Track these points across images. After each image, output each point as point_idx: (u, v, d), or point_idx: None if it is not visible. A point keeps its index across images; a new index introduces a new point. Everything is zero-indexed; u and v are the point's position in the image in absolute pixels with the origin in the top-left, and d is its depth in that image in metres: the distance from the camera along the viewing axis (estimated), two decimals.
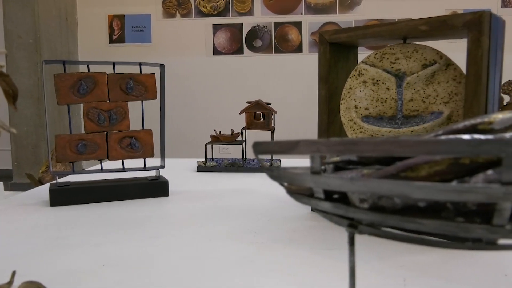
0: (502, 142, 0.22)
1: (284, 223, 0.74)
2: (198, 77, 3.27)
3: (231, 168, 1.26)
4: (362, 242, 0.61)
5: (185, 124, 3.28)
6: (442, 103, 0.67)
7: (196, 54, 3.26)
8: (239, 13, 3.22)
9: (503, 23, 0.66)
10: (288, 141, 0.28)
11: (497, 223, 0.25)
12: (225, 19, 3.24)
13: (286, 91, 3.19)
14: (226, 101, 3.23)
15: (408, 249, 0.60)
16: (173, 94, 3.19)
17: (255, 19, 3.23)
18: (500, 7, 3.21)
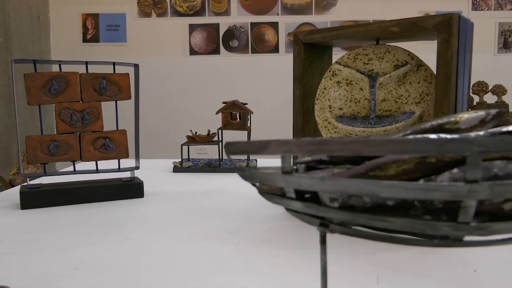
0: (466, 141, 0.23)
1: (260, 223, 0.74)
2: (175, 77, 3.25)
3: (208, 169, 1.26)
4: (337, 240, 0.61)
5: (161, 125, 3.25)
6: (413, 103, 0.68)
7: (172, 54, 3.23)
8: (215, 13, 3.22)
9: (472, 25, 0.68)
10: (259, 141, 0.28)
11: (462, 220, 0.25)
12: (202, 19, 3.22)
13: (263, 91, 3.20)
14: (202, 101, 3.21)
15: (381, 247, 0.61)
16: (149, 94, 3.15)
17: (231, 19, 3.22)
18: (471, 10, 3.29)
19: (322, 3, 3.24)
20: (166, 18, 3.23)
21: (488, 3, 3.30)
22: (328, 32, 0.73)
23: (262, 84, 3.22)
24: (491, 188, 0.23)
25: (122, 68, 0.96)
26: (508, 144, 0.23)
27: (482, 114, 0.30)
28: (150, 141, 3.02)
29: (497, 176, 0.25)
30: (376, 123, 0.71)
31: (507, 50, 3.33)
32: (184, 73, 3.25)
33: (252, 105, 1.73)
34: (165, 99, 3.27)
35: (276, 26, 3.22)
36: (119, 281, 0.51)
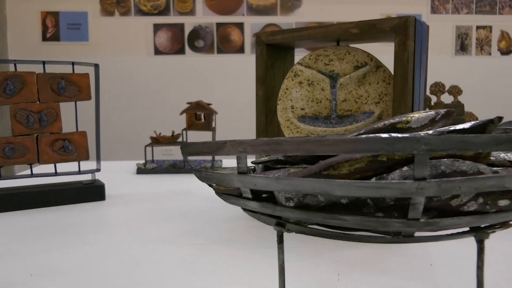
0: (414, 140, 0.23)
1: (223, 223, 0.74)
2: (139, 77, 3.19)
3: (172, 170, 1.24)
4: (300, 239, 0.62)
5: (124, 126, 3.19)
6: (373, 103, 0.70)
7: (136, 53, 3.17)
8: (180, 12, 3.18)
9: (427, 28, 0.70)
10: (215, 141, 0.28)
11: (412, 217, 0.26)
12: (166, 18, 3.18)
13: (228, 91, 3.19)
14: (167, 102, 3.17)
15: (343, 244, 0.62)
16: (112, 95, 3.09)
17: (197, 19, 3.20)
18: (430, 13, 3.40)
19: (287, 4, 3.26)
20: (130, 17, 3.17)
21: (446, 7, 3.42)
22: (290, 33, 0.74)
23: (227, 84, 3.21)
24: (438, 185, 0.24)
25: (83, 68, 0.94)
26: (453, 142, 0.24)
27: (432, 113, 0.31)
28: (113, 143, 2.96)
29: (445, 173, 0.26)
30: (337, 123, 0.72)
31: (464, 52, 3.45)
32: (148, 73, 3.20)
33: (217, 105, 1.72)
34: (128, 99, 3.21)
35: (241, 26, 3.22)
36: (76, 287, 0.50)
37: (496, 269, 0.54)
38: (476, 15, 3.46)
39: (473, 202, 0.27)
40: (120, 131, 3.16)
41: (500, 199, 0.27)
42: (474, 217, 0.27)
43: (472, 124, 0.28)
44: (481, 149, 0.24)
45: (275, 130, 0.80)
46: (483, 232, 0.29)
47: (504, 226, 0.29)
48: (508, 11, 3.49)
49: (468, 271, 0.52)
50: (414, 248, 0.61)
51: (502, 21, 3.51)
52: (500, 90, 3.53)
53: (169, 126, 1.98)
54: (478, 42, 3.49)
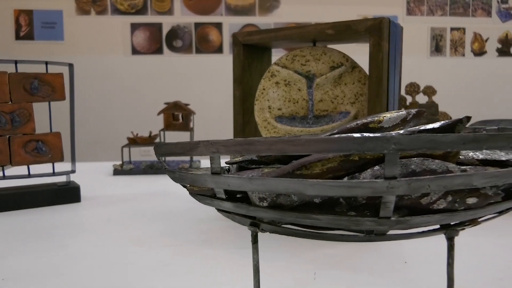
0: (384, 140, 0.24)
1: (200, 224, 0.73)
2: (116, 77, 3.15)
3: (150, 171, 1.23)
4: (276, 239, 0.62)
5: (101, 126, 3.14)
6: (349, 103, 0.71)
7: (113, 53, 3.13)
8: (158, 12, 3.16)
9: (401, 29, 0.71)
10: (188, 142, 0.28)
11: (383, 215, 0.26)
12: (144, 18, 3.15)
13: (207, 91, 3.18)
14: (144, 102, 3.13)
15: (319, 243, 0.62)
16: (88, 95, 3.04)
17: (175, 19, 3.17)
18: (406, 15, 3.46)
19: (265, 4, 3.27)
20: (106, 16, 3.12)
21: (421, 9, 3.49)
22: (267, 34, 0.74)
23: (206, 84, 3.20)
24: (408, 183, 0.25)
25: (57, 68, 0.92)
26: (422, 141, 0.24)
27: (403, 113, 0.31)
28: (88, 144, 2.91)
29: (415, 172, 0.27)
30: (314, 123, 0.72)
31: (439, 53, 3.53)
32: (125, 73, 3.16)
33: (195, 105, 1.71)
34: (105, 99, 3.16)
35: (220, 26, 3.21)
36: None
37: (468, 265, 0.55)
38: (450, 17, 3.54)
39: (442, 200, 0.27)
40: (97, 132, 3.12)
41: (468, 197, 0.28)
42: (443, 215, 0.27)
43: (442, 124, 0.29)
44: (449, 148, 0.24)
45: (252, 131, 0.80)
46: (453, 229, 0.30)
47: (473, 224, 0.30)
48: (481, 13, 3.58)
49: (442, 268, 0.53)
50: (389, 246, 0.61)
51: (475, 23, 3.59)
52: (473, 90, 3.62)
53: (146, 126, 1.96)
54: (452, 44, 3.56)
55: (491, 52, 3.64)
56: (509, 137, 0.25)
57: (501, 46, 3.66)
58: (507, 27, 3.64)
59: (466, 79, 3.60)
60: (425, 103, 1.23)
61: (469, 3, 3.55)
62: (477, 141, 0.25)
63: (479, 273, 0.53)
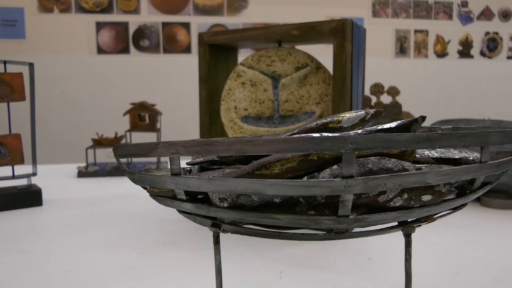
0: (341, 139, 0.24)
1: (166, 226, 0.72)
2: (80, 76, 3.07)
3: (116, 172, 1.21)
4: (241, 239, 0.62)
5: (65, 127, 3.05)
6: (314, 103, 0.71)
7: (77, 52, 3.05)
8: (124, 11, 3.10)
9: (364, 31, 0.72)
10: (148, 143, 0.28)
11: (342, 214, 0.27)
12: (109, 16, 3.08)
13: (175, 92, 3.14)
14: (110, 103, 3.07)
15: (285, 243, 0.63)
16: (51, 95, 2.95)
17: (141, 18, 3.13)
18: (371, 17, 3.53)
19: (233, 4, 3.26)
20: (70, 15, 3.04)
21: (386, 11, 3.57)
22: (232, 34, 0.74)
23: (173, 84, 3.17)
24: (364, 182, 0.25)
25: (17, 67, 0.89)
26: (378, 141, 0.25)
27: (362, 113, 0.32)
28: (52, 146, 2.83)
29: (372, 171, 0.27)
30: (280, 123, 0.73)
31: (403, 55, 3.62)
32: (90, 72, 3.09)
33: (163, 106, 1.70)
34: (69, 100, 3.08)
35: (188, 26, 3.19)
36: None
37: (429, 260, 0.57)
38: (414, 20, 3.64)
39: (398, 198, 0.28)
40: (60, 133, 3.03)
41: (424, 195, 0.28)
42: (400, 212, 0.28)
43: (398, 124, 0.29)
44: (403, 147, 0.25)
45: (219, 131, 0.80)
46: (410, 226, 0.31)
47: (429, 220, 0.31)
48: (443, 16, 3.70)
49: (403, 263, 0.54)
50: (354, 244, 0.63)
51: (437, 26, 3.71)
52: (435, 91, 3.73)
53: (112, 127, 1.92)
54: (416, 45, 3.66)
55: (452, 53, 3.76)
56: (460, 136, 0.26)
57: (462, 48, 3.79)
58: (467, 30, 3.77)
59: (429, 79, 3.71)
60: (389, 103, 1.25)
61: (431, 6, 3.66)
62: (430, 140, 0.26)
63: (439, 268, 0.54)
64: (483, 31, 3.80)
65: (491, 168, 0.29)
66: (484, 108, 3.84)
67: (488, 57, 3.83)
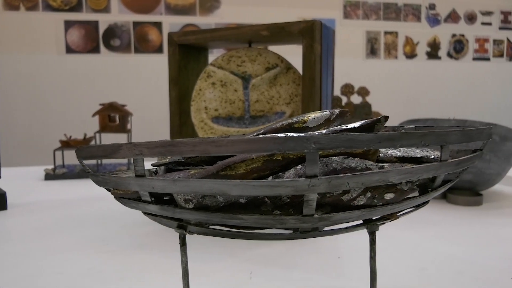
0: (304, 139, 0.24)
1: (137, 228, 0.71)
2: (48, 76, 2.99)
3: (85, 175, 1.18)
4: (212, 240, 0.62)
5: (32, 129, 2.97)
6: (284, 103, 0.72)
7: (45, 51, 2.97)
8: (93, 9, 3.04)
9: (333, 32, 0.73)
10: (111, 144, 0.27)
11: (307, 213, 0.27)
12: (78, 15, 3.02)
13: (146, 92, 3.10)
14: (79, 103, 3.00)
15: (256, 243, 0.63)
16: (17, 95, 2.86)
17: (112, 17, 3.07)
18: (343, 18, 3.58)
19: (206, 4, 3.25)
20: (38, 13, 2.96)
21: (357, 13, 3.62)
22: (202, 34, 0.73)
23: (145, 85, 3.12)
24: (328, 181, 0.25)
25: None
26: (341, 140, 0.25)
27: (327, 113, 0.32)
28: (18, 147, 2.75)
29: (336, 170, 0.28)
30: (251, 123, 0.73)
31: (374, 56, 3.68)
32: (59, 72, 3.02)
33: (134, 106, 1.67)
34: (37, 100, 2.99)
35: (159, 26, 3.15)
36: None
37: (397, 257, 0.58)
38: (383, 21, 3.71)
39: (362, 196, 0.29)
40: (27, 135, 2.94)
41: (386, 193, 0.29)
42: (363, 211, 0.28)
43: (362, 123, 0.30)
44: (366, 146, 0.25)
45: (189, 131, 0.79)
46: (374, 224, 0.31)
47: (392, 218, 0.32)
48: (412, 18, 3.78)
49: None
50: (324, 242, 0.63)
51: (407, 28, 3.79)
52: (405, 91, 3.81)
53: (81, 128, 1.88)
54: (386, 47, 3.74)
55: (421, 55, 3.86)
56: (420, 136, 0.27)
57: (430, 49, 3.88)
58: (435, 32, 3.87)
59: (398, 80, 3.79)
60: (359, 103, 1.27)
61: (400, 8, 3.74)
62: (392, 139, 0.26)
63: (407, 264, 0.55)
64: (450, 33, 3.91)
65: (451, 166, 0.30)
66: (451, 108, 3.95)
67: (455, 59, 3.94)
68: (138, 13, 3.12)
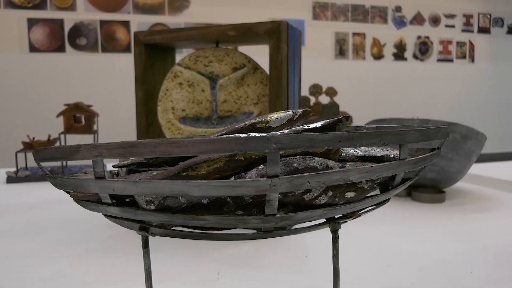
0: (265, 139, 0.24)
1: (104, 231, 0.70)
2: (11, 76, 2.89)
3: None
4: (181, 241, 0.61)
5: None
6: (252, 104, 0.72)
7: (7, 50, 2.87)
8: (58, 7, 2.96)
9: (300, 33, 0.74)
10: (69, 146, 0.27)
11: (269, 212, 0.27)
12: (42, 13, 2.93)
13: (113, 92, 3.04)
14: (44, 104, 2.91)
15: (224, 244, 0.63)
16: None
17: (77, 15, 3.00)
18: (312, 19, 3.62)
19: (175, 4, 3.22)
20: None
21: (326, 14, 3.67)
22: (168, 34, 0.73)
23: (112, 84, 3.07)
24: (289, 181, 0.26)
25: None
26: (301, 140, 0.25)
27: (290, 113, 0.33)
28: None
29: (297, 170, 0.28)
30: (218, 123, 0.73)
31: (343, 57, 3.74)
32: (22, 72, 2.92)
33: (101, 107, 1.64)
34: None
35: (127, 25, 3.10)
36: None
37: (361, 254, 0.59)
38: (352, 23, 3.77)
39: (324, 195, 0.29)
40: None
41: (347, 192, 0.30)
42: (325, 210, 0.29)
43: (323, 123, 0.30)
44: (326, 146, 0.26)
45: (156, 132, 0.78)
46: (336, 222, 0.32)
47: (354, 216, 0.32)
48: (379, 20, 3.86)
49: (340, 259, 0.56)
50: (292, 241, 0.64)
51: (374, 29, 3.87)
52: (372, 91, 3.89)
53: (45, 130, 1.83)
54: (354, 48, 3.80)
55: (388, 56, 3.94)
56: (379, 135, 0.28)
57: (397, 51, 3.98)
58: (401, 33, 3.97)
59: (366, 81, 3.86)
60: (327, 103, 1.29)
61: (368, 10, 3.81)
62: (351, 139, 0.27)
63: (371, 261, 0.57)
64: (415, 35, 4.02)
65: (409, 164, 0.31)
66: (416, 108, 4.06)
67: (420, 60, 4.05)
68: (105, 12, 3.06)
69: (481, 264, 0.55)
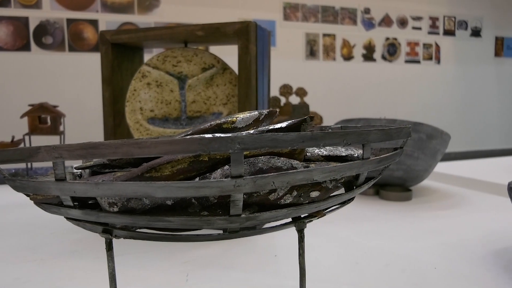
0: (228, 140, 0.24)
1: (69, 234, 0.68)
2: None
3: None
4: (149, 243, 0.61)
5: None
6: (221, 104, 0.72)
7: None
8: (23, 5, 2.87)
9: (268, 33, 0.74)
10: (28, 148, 0.26)
11: (234, 213, 0.27)
12: (6, 10, 2.84)
13: (80, 92, 2.97)
14: (8, 104, 2.81)
15: (193, 245, 0.62)
16: None
17: (43, 13, 2.92)
18: (283, 20, 3.65)
19: (144, 3, 3.18)
20: None
21: (297, 15, 3.70)
22: (136, 33, 0.72)
23: (80, 85, 3.00)
24: (253, 181, 0.26)
25: None
26: (265, 140, 0.25)
27: (256, 114, 0.33)
28: None
29: (262, 170, 0.28)
30: (188, 124, 0.72)
31: (313, 57, 3.78)
32: None
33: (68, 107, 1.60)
34: None
35: (95, 24, 3.04)
36: None
37: (329, 252, 0.60)
38: (322, 24, 3.81)
39: (288, 195, 0.29)
40: None
41: (312, 191, 0.30)
42: (290, 209, 0.29)
43: (288, 123, 0.30)
44: (290, 146, 0.26)
45: (124, 133, 0.77)
46: (301, 222, 0.32)
47: (319, 215, 0.33)
48: (348, 21, 3.92)
49: (308, 258, 0.57)
50: (261, 241, 0.64)
51: (344, 31, 3.92)
52: (342, 91, 3.95)
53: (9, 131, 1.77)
54: (324, 49, 3.85)
55: (357, 57, 4.01)
56: (342, 135, 0.28)
57: (366, 52, 4.05)
58: (370, 35, 4.04)
59: (336, 81, 3.92)
60: (297, 103, 1.30)
61: (338, 11, 3.86)
62: (315, 139, 0.27)
63: (339, 259, 0.57)
64: (383, 36, 4.10)
65: (372, 164, 0.32)
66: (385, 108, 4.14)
67: (388, 61, 4.14)
68: (72, 10, 2.99)
69: (445, 259, 0.57)
